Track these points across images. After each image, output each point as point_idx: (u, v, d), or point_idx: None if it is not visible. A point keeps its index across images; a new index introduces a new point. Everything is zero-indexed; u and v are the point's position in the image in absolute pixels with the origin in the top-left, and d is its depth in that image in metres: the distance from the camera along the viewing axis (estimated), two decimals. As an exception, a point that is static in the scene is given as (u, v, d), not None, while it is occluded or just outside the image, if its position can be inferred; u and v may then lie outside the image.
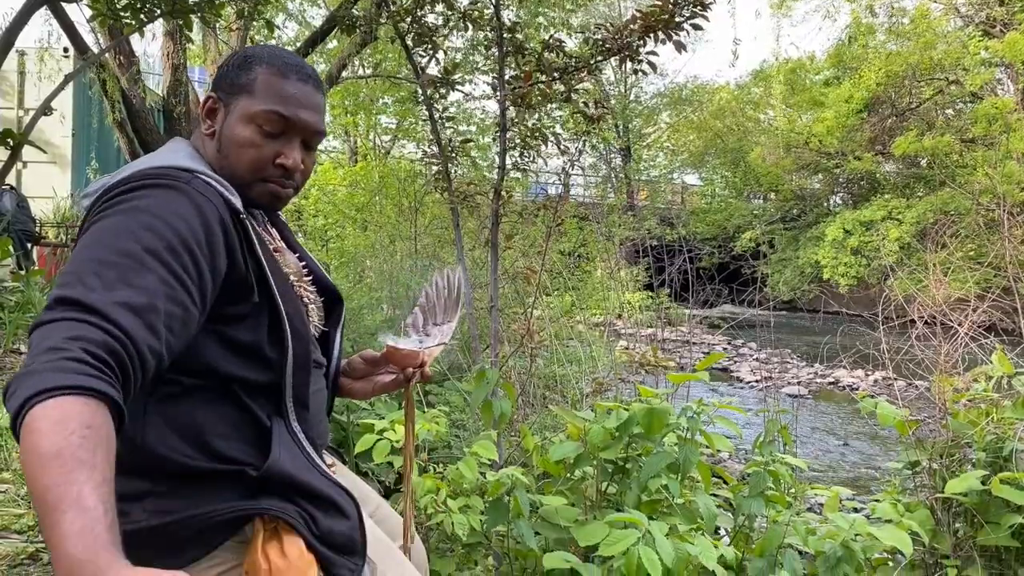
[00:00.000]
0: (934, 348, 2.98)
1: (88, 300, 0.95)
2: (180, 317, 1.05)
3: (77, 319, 0.94)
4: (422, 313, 1.50)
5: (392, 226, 7.02)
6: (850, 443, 6.68)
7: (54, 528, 0.79)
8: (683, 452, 2.27)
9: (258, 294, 1.18)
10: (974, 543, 2.53)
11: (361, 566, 1.19)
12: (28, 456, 0.82)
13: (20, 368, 0.89)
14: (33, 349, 0.91)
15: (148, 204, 1.09)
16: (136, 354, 0.96)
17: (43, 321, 0.94)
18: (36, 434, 0.83)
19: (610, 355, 6.12)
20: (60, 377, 0.86)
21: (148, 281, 1.01)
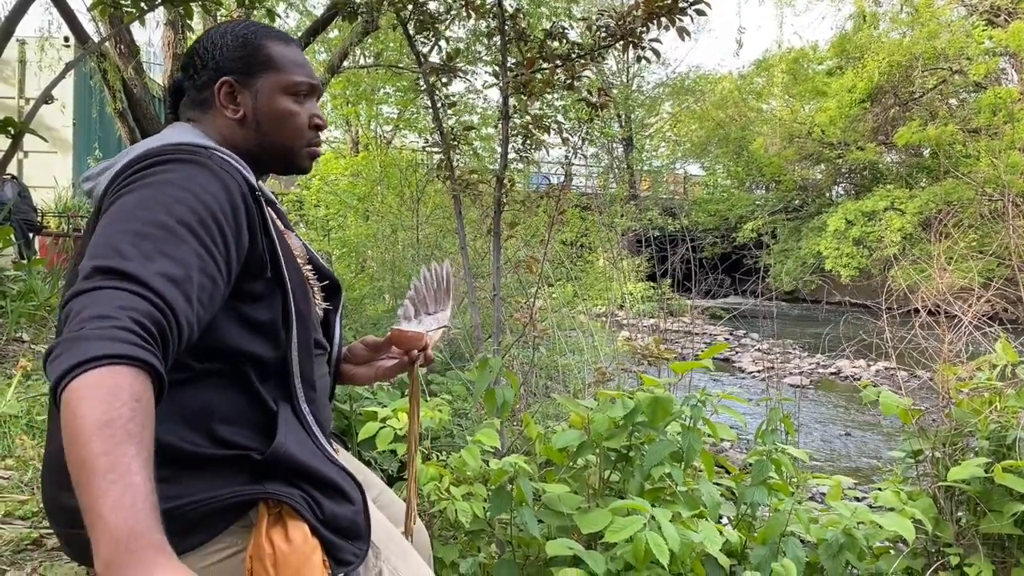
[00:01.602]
0: (938, 336, 2.97)
1: (128, 269, 0.94)
2: (210, 291, 1.05)
3: (120, 288, 0.92)
4: (412, 304, 1.51)
5: (394, 216, 7.01)
6: (852, 433, 6.68)
7: (102, 496, 0.78)
8: (687, 440, 2.26)
9: (270, 270, 1.18)
10: (977, 531, 2.53)
11: (365, 551, 1.18)
12: (76, 421, 0.80)
13: (65, 333, 0.87)
14: (76, 315, 0.89)
15: (175, 177, 1.09)
16: (176, 326, 0.96)
17: (84, 289, 0.93)
18: (87, 401, 0.81)
19: (612, 345, 6.13)
20: (111, 345, 0.85)
21: (183, 252, 1.01)
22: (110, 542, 0.77)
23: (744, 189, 25.86)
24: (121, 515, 0.78)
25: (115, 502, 0.78)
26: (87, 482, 0.79)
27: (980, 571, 2.41)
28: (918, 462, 2.84)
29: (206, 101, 1.31)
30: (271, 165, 1.36)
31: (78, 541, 1.15)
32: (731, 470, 2.92)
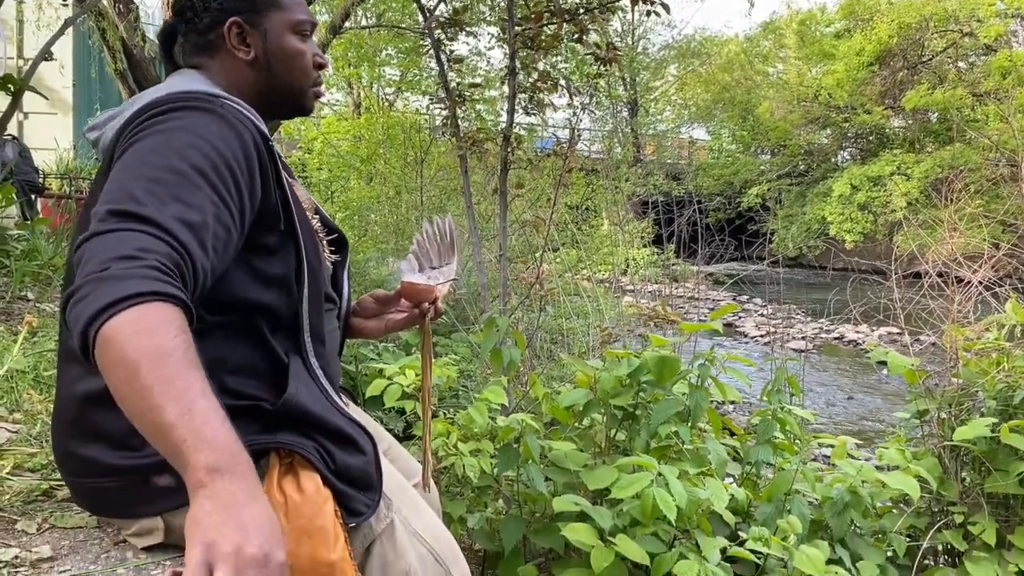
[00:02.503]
0: (947, 297, 2.95)
1: (145, 213, 0.93)
2: (224, 240, 1.03)
3: (138, 230, 0.91)
4: (416, 259, 1.49)
5: (397, 178, 6.96)
6: (855, 397, 6.71)
7: (188, 413, 0.79)
8: (693, 398, 2.26)
9: (284, 223, 1.17)
10: (981, 490, 2.54)
11: (377, 501, 1.18)
12: (133, 353, 0.80)
13: (87, 275, 0.86)
14: (96, 256, 0.88)
15: (187, 124, 1.07)
16: (192, 272, 0.95)
17: (100, 231, 0.91)
18: (142, 334, 0.81)
19: (617, 309, 6.12)
20: (147, 283, 0.85)
21: (199, 199, 0.99)
22: (213, 450, 0.78)
23: (749, 154, 25.65)
24: (217, 428, 0.80)
25: (206, 417, 0.80)
26: (162, 405, 0.79)
27: (984, 529, 2.42)
28: (923, 422, 2.84)
29: (212, 44, 1.27)
30: (279, 108, 1.34)
31: (89, 490, 1.15)
32: (735, 431, 2.92)
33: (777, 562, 2.26)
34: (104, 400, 1.11)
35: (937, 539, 2.57)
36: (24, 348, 2.02)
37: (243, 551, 0.74)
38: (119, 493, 1.12)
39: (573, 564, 2.04)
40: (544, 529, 2.16)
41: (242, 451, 0.82)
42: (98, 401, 1.12)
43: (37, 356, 1.98)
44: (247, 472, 0.81)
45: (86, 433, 1.13)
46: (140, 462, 1.10)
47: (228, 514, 0.76)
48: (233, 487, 0.78)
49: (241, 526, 0.75)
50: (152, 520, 1.13)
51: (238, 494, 0.78)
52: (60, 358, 1.22)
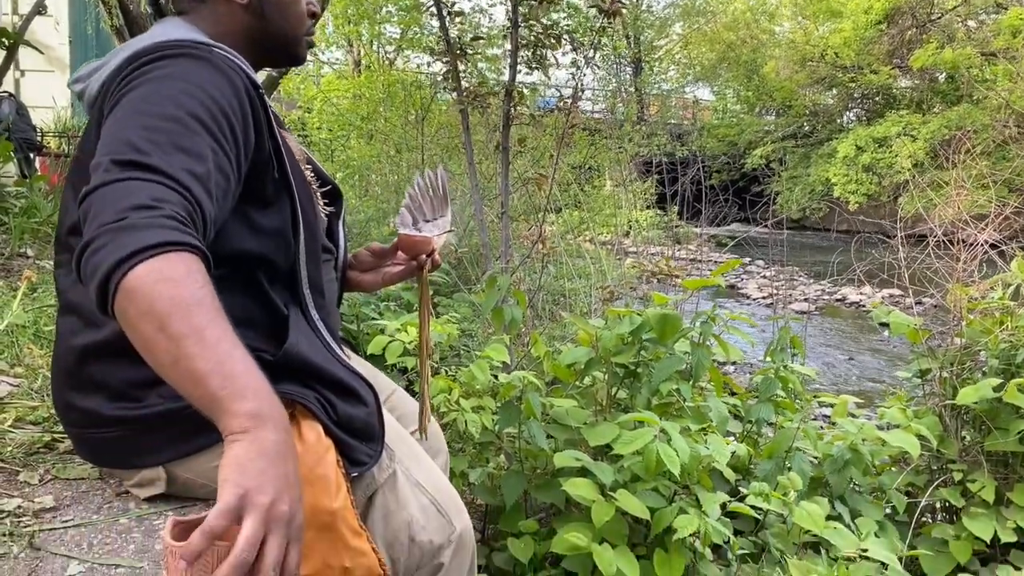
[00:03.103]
0: (952, 256, 2.93)
1: (152, 163, 0.91)
2: (224, 188, 1.02)
3: (148, 179, 0.89)
4: (409, 212, 1.47)
5: (398, 136, 6.88)
6: (855, 358, 6.72)
7: (227, 361, 0.79)
8: (696, 356, 2.26)
9: (277, 172, 1.15)
10: (981, 448, 2.55)
11: (379, 452, 1.18)
12: (162, 300, 0.79)
13: (100, 225, 0.84)
14: (109, 207, 0.86)
15: (178, 72, 1.04)
16: (204, 222, 0.94)
17: (108, 181, 0.89)
18: (170, 282, 0.81)
19: (619, 270, 6.10)
20: (167, 233, 0.84)
21: (200, 147, 0.97)
22: (256, 398, 0.79)
23: (754, 114, 25.38)
24: (256, 377, 0.81)
25: (242, 365, 0.81)
26: (196, 354, 0.79)
27: (983, 487, 2.44)
28: (925, 381, 2.84)
29: None
30: (272, 56, 1.32)
31: (90, 440, 1.15)
32: (737, 390, 2.93)
33: (777, 518, 2.28)
34: (103, 352, 1.11)
35: (936, 496, 2.58)
36: (24, 303, 2.01)
37: (275, 506, 0.74)
38: (120, 444, 1.12)
39: (574, 519, 2.06)
40: (545, 484, 2.17)
41: (279, 403, 0.82)
42: (97, 353, 1.11)
43: (37, 311, 1.98)
44: (286, 425, 0.81)
45: (85, 384, 1.12)
46: (141, 413, 1.10)
47: (269, 463, 0.76)
48: (276, 437, 0.78)
49: (279, 479, 0.76)
50: (154, 470, 1.13)
51: (280, 445, 0.78)
52: (59, 311, 1.21)
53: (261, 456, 0.76)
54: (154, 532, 1.07)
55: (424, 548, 1.20)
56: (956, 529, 2.48)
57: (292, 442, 0.81)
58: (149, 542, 1.05)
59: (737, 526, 2.29)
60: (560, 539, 1.90)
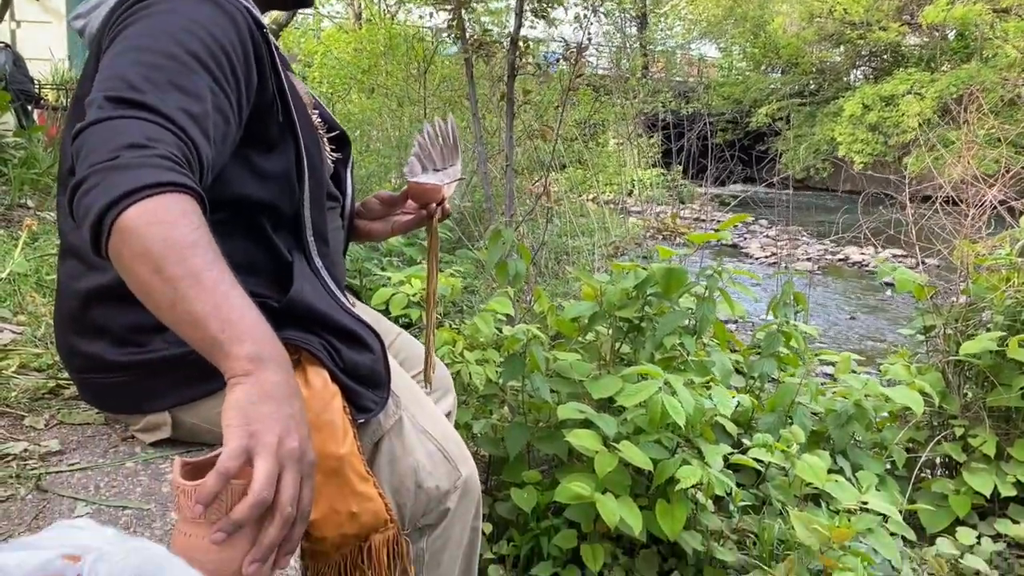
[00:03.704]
0: (960, 211, 2.90)
1: (146, 101, 0.88)
2: (223, 131, 0.99)
3: (142, 118, 0.87)
4: (419, 161, 1.44)
5: (400, 89, 6.78)
6: (857, 317, 6.72)
7: (224, 304, 0.78)
8: (700, 310, 2.25)
9: (282, 115, 1.12)
10: (983, 404, 2.55)
11: (385, 399, 1.18)
12: (157, 246, 0.78)
13: (91, 165, 0.82)
14: (101, 145, 0.83)
15: (180, 8, 1.01)
16: (200, 165, 0.91)
17: (101, 118, 0.86)
18: (165, 224, 0.79)
19: (623, 228, 6.07)
20: (161, 173, 0.81)
21: (198, 86, 0.94)
22: (256, 341, 0.79)
23: (760, 72, 25.02)
24: (256, 320, 0.81)
25: (241, 309, 0.80)
26: (194, 297, 0.78)
27: (984, 442, 2.45)
28: (928, 338, 2.84)
29: None
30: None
31: (95, 385, 1.14)
32: (739, 346, 2.93)
33: (778, 471, 2.30)
34: (106, 296, 1.09)
35: (936, 451, 2.60)
36: (25, 252, 2.00)
37: (284, 443, 0.74)
38: (125, 389, 1.12)
39: (576, 470, 2.07)
40: (548, 436, 2.18)
41: (280, 344, 0.82)
42: (99, 297, 1.10)
43: (39, 260, 1.96)
44: (288, 366, 0.81)
45: (89, 329, 1.12)
46: (145, 358, 1.09)
47: (273, 405, 0.76)
48: (277, 378, 0.78)
49: (285, 418, 0.76)
50: (159, 416, 1.13)
51: (282, 386, 0.78)
52: (60, 254, 1.19)
53: (264, 398, 0.76)
54: (161, 476, 1.08)
55: (430, 494, 1.20)
56: (956, 484, 2.49)
57: (295, 383, 0.81)
58: (156, 485, 1.05)
59: (739, 479, 2.30)
60: (563, 488, 1.92)
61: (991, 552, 2.33)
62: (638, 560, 2.08)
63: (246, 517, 0.71)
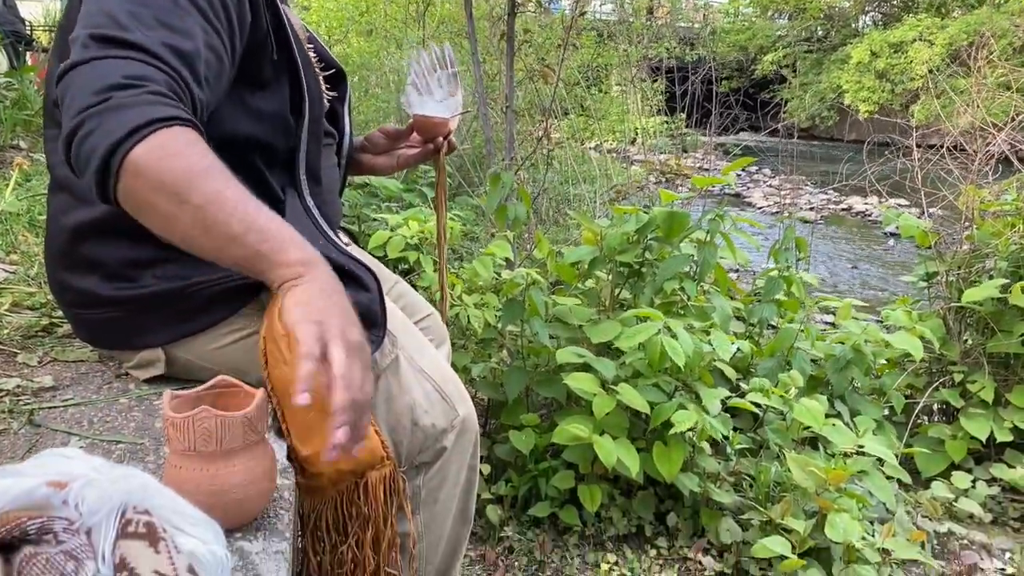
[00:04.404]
0: (968, 156, 2.86)
1: (131, 39, 0.85)
2: (216, 70, 0.97)
3: (127, 57, 0.84)
4: (415, 90, 1.40)
5: (399, 31, 6.63)
6: (859, 267, 6.70)
7: (252, 219, 0.82)
8: (702, 254, 2.23)
9: (276, 52, 1.08)
10: (983, 350, 2.55)
11: (381, 338, 1.16)
12: (174, 173, 0.80)
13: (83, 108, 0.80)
14: (88, 86, 0.82)
15: None
16: (192, 103, 0.90)
17: (85, 59, 0.84)
18: (176, 156, 0.80)
19: (625, 175, 6.00)
20: (160, 109, 0.81)
21: (188, 24, 0.92)
22: (298, 248, 0.84)
23: (766, 18, 24.50)
24: (289, 229, 0.85)
25: (270, 218, 0.84)
26: (225, 220, 0.81)
27: (983, 387, 2.45)
28: (931, 284, 2.82)
29: None
30: None
31: (87, 321, 1.13)
32: (740, 293, 2.91)
33: (776, 415, 2.30)
34: (96, 231, 1.07)
35: (934, 397, 2.60)
36: (17, 192, 1.97)
37: (347, 334, 0.80)
38: (117, 325, 1.10)
39: (575, 413, 2.08)
40: (547, 380, 2.18)
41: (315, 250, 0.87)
42: (90, 232, 1.08)
43: (31, 199, 1.94)
44: (329, 267, 0.86)
45: (79, 264, 1.10)
46: (136, 293, 1.07)
47: (332, 301, 0.82)
48: (328, 275, 0.84)
49: (344, 312, 0.82)
50: (153, 352, 1.12)
51: (335, 283, 0.85)
52: (50, 188, 1.17)
53: (322, 294, 0.82)
54: (154, 412, 1.07)
55: (427, 432, 1.20)
56: (952, 429, 2.51)
57: (339, 282, 0.86)
58: (149, 420, 1.04)
59: (737, 423, 2.31)
60: (561, 430, 1.92)
61: (985, 496, 2.35)
62: (635, 501, 2.10)
63: (345, 402, 0.76)
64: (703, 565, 1.97)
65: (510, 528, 2.05)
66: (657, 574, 1.94)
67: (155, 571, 0.55)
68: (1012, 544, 2.20)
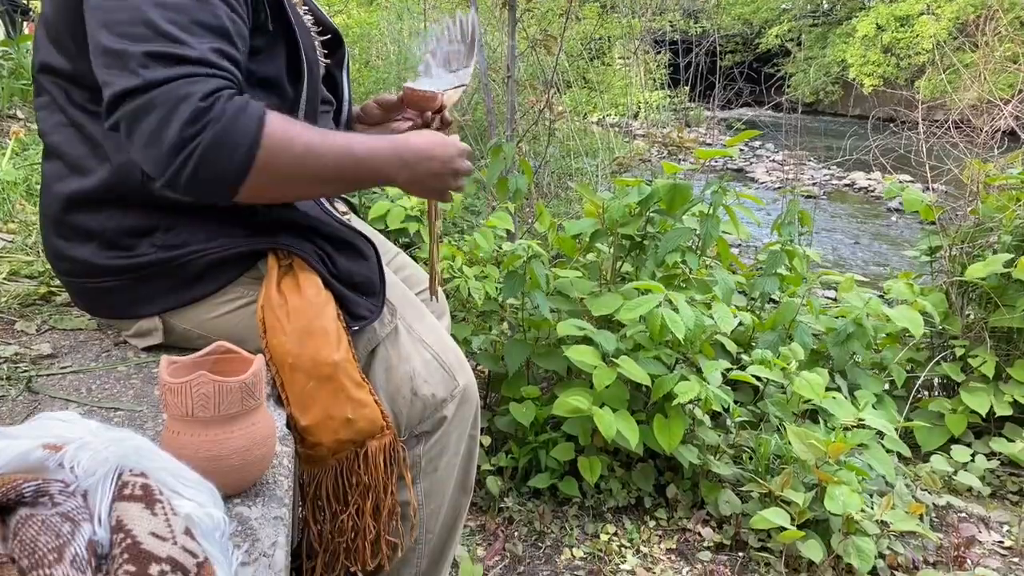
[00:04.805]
0: (975, 130, 2.83)
1: (187, 54, 0.89)
2: (244, 54, 1.00)
3: (195, 75, 0.89)
4: (433, 59, 1.38)
5: (400, 1, 6.54)
6: (861, 242, 6.67)
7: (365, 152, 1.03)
8: (704, 226, 2.21)
9: (271, 21, 1.06)
10: (985, 325, 2.54)
11: (380, 307, 1.16)
12: (303, 147, 0.96)
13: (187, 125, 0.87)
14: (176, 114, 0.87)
15: None
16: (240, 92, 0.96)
17: (156, 81, 0.87)
18: (296, 136, 0.96)
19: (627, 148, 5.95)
20: (250, 109, 0.91)
21: (220, 19, 0.95)
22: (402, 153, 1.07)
23: (771, -10, 24.20)
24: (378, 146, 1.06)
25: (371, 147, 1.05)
26: (347, 165, 1.02)
27: (984, 362, 2.44)
28: (934, 259, 2.81)
29: None
30: None
31: (85, 290, 1.12)
32: (742, 267, 2.90)
33: (776, 388, 2.30)
34: (91, 200, 1.06)
35: (935, 372, 2.60)
36: (14, 161, 1.95)
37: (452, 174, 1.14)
38: (115, 294, 1.10)
39: (575, 385, 2.07)
40: (548, 353, 2.18)
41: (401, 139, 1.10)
42: (85, 201, 1.07)
43: (28, 168, 1.92)
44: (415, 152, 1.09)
45: (74, 233, 1.09)
46: (132, 262, 1.07)
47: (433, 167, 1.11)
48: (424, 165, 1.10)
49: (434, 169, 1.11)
50: (150, 320, 1.11)
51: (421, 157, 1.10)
52: (43, 155, 1.15)
53: (427, 176, 1.11)
54: (153, 380, 1.06)
55: (426, 401, 1.19)
56: (953, 403, 2.51)
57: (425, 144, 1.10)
58: (147, 388, 1.04)
59: (737, 397, 2.31)
60: (561, 402, 1.92)
61: (984, 469, 2.36)
62: (634, 473, 2.11)
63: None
64: (702, 536, 1.98)
65: (510, 499, 2.06)
66: (656, 544, 1.96)
67: (152, 533, 0.54)
68: (1010, 517, 2.21)
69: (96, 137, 1.04)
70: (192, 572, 0.55)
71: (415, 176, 1.08)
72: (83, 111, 1.05)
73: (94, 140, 1.05)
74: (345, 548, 1.17)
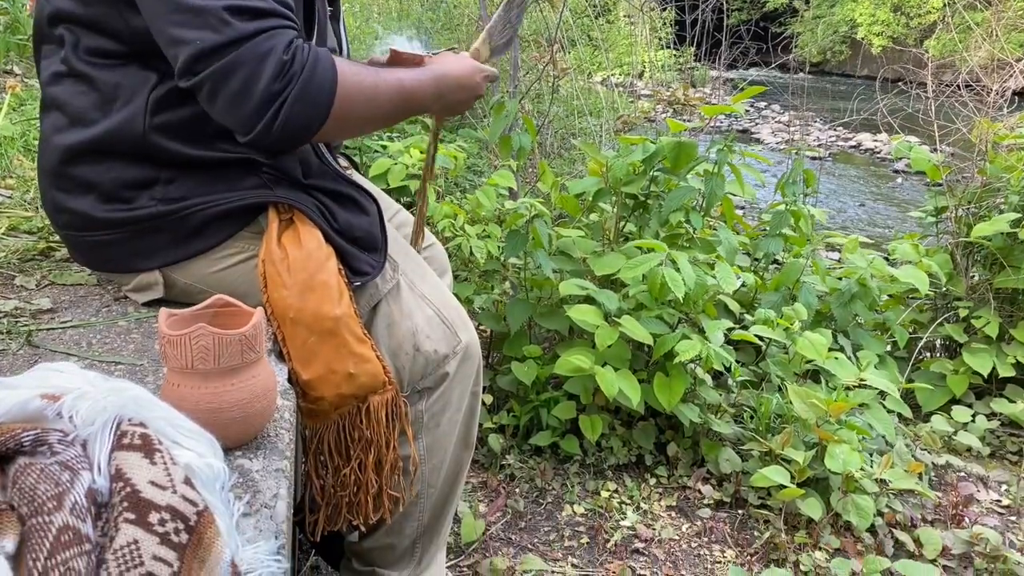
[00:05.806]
0: (984, 89, 2.78)
1: (265, 7, 0.93)
2: None
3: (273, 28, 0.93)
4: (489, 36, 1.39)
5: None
6: (866, 204, 6.63)
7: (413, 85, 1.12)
8: (709, 185, 2.19)
9: None
10: (990, 286, 2.53)
11: (382, 263, 1.15)
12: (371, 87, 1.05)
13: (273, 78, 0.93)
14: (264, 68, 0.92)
15: None
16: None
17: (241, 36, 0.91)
18: (363, 78, 1.04)
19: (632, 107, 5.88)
20: (323, 58, 0.97)
21: None
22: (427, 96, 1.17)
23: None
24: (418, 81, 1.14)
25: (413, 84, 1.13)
26: (400, 98, 1.10)
27: (987, 323, 2.44)
28: (940, 220, 2.79)
29: None
30: None
31: (84, 244, 1.11)
32: (746, 228, 2.88)
33: (779, 348, 2.30)
34: (91, 152, 1.05)
35: (938, 333, 2.60)
36: (11, 117, 1.93)
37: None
38: (114, 247, 1.09)
39: (577, 344, 2.07)
40: (550, 312, 2.17)
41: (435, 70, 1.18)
42: (84, 153, 1.06)
43: (26, 123, 1.90)
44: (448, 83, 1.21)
45: (73, 185, 1.07)
46: (132, 215, 1.05)
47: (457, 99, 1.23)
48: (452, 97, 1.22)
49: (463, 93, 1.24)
50: (150, 275, 1.11)
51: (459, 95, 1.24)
52: (42, 107, 1.14)
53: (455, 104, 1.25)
54: (153, 334, 1.06)
55: (429, 357, 1.19)
56: (955, 364, 2.51)
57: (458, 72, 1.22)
58: (148, 343, 1.03)
59: (739, 357, 2.31)
60: (563, 361, 1.92)
61: (984, 429, 2.36)
62: (635, 431, 2.11)
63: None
64: (702, 494, 2.00)
65: (512, 456, 2.07)
66: (656, 502, 1.97)
67: (151, 482, 0.54)
68: (1008, 476, 2.22)
69: (105, 87, 1.03)
70: (192, 520, 0.55)
71: (446, 104, 1.22)
72: (90, 62, 1.03)
73: (102, 91, 1.03)
74: (347, 502, 1.18)
